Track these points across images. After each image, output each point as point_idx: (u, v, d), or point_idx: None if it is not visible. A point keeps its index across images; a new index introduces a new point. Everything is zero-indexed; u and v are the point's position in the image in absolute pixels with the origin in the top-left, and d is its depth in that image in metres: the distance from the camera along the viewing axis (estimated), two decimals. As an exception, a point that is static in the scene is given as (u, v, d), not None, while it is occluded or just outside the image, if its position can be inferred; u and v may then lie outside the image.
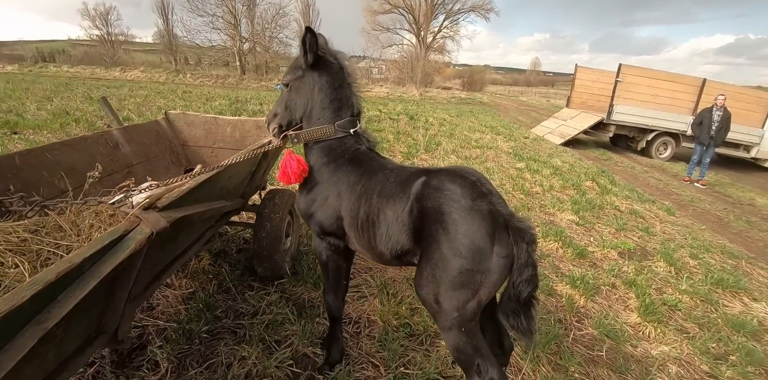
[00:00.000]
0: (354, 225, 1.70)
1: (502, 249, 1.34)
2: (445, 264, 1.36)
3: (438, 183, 1.47)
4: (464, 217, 1.36)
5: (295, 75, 1.84)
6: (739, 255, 4.81)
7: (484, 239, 1.33)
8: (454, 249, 1.34)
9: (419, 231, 1.48)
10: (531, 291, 1.36)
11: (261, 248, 2.58)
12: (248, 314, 2.45)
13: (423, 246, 1.46)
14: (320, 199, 1.81)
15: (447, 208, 1.39)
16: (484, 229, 1.33)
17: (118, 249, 1.16)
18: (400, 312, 2.56)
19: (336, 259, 1.93)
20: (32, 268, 1.39)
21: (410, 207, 1.50)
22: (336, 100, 1.82)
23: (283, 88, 1.91)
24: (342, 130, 1.82)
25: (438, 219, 1.40)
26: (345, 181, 1.75)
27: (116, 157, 2.89)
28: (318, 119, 1.84)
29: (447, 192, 1.43)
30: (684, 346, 2.84)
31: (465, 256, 1.33)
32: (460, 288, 1.35)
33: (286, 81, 1.88)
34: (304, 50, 1.74)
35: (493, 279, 1.34)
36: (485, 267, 1.33)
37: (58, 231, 1.68)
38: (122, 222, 1.25)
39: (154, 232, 1.25)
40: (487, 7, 38.23)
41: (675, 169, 10.44)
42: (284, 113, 1.93)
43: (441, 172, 1.56)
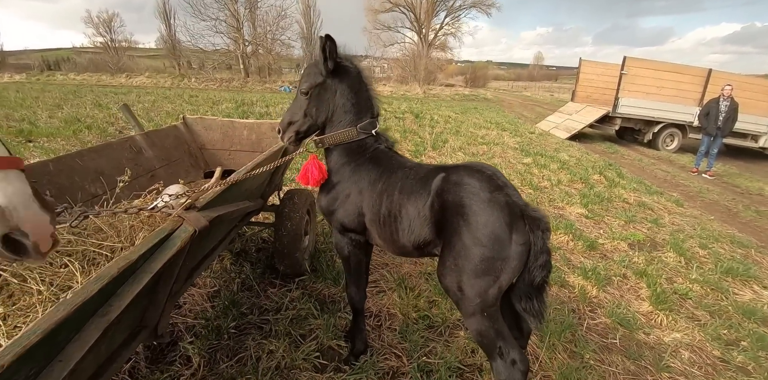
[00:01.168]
0: (376, 221, 1.79)
1: (520, 237, 1.43)
2: (467, 253, 1.45)
3: (457, 178, 1.57)
4: (484, 209, 1.45)
5: (314, 82, 1.88)
6: (749, 245, 4.83)
7: (502, 228, 1.42)
8: (475, 239, 1.44)
9: (441, 223, 1.57)
10: (544, 277, 1.45)
11: (282, 246, 2.69)
12: (272, 310, 2.56)
13: (445, 238, 1.56)
14: (342, 197, 1.90)
15: (467, 201, 1.49)
16: (503, 219, 1.43)
17: (166, 247, 1.26)
18: (418, 305, 2.65)
19: (357, 254, 2.02)
20: (81, 267, 1.50)
21: (431, 202, 1.59)
22: (357, 104, 1.90)
23: (301, 96, 1.92)
24: (363, 131, 1.91)
25: (459, 212, 1.49)
26: (366, 179, 1.84)
27: (140, 161, 3.02)
28: (340, 122, 1.91)
29: (466, 186, 1.53)
30: (696, 333, 2.90)
31: (486, 245, 1.42)
32: (482, 275, 1.44)
33: (305, 89, 1.89)
34: (324, 57, 1.78)
35: (513, 265, 1.43)
36: (505, 254, 1.42)
37: (99, 233, 1.80)
38: (167, 222, 1.35)
39: (197, 230, 1.35)
40: (489, 3, 38.08)
41: (682, 161, 10.40)
42: (303, 120, 1.94)
43: (459, 167, 1.65)
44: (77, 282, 1.39)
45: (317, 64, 1.86)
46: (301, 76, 1.96)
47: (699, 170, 9.00)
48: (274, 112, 12.21)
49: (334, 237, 2.06)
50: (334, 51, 1.79)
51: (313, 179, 1.93)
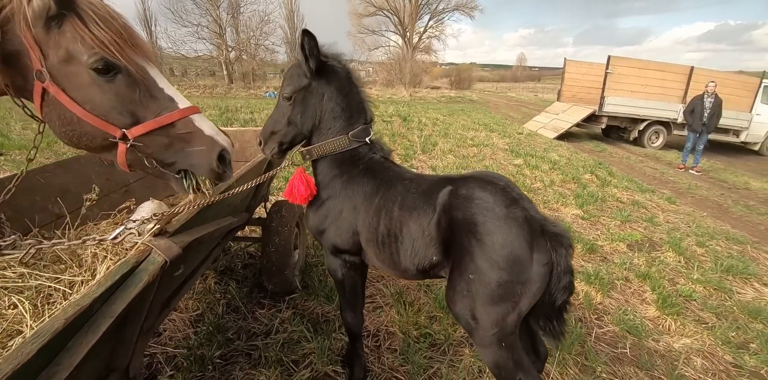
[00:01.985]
0: (373, 241, 1.61)
1: (542, 257, 1.28)
2: (481, 278, 1.29)
3: (467, 192, 1.41)
4: (500, 226, 1.29)
5: (298, 85, 1.66)
6: (744, 241, 4.81)
7: (523, 248, 1.26)
8: (491, 261, 1.28)
9: (449, 243, 1.41)
10: (566, 298, 1.30)
11: (270, 263, 2.49)
12: (261, 334, 2.35)
13: (454, 259, 1.39)
14: (333, 214, 1.71)
15: (480, 218, 1.32)
16: (522, 238, 1.27)
17: (130, 284, 1.07)
18: (419, 322, 2.48)
19: (352, 276, 1.84)
20: (33, 307, 1.29)
21: (438, 219, 1.42)
22: (347, 108, 1.70)
23: (284, 102, 1.70)
24: (356, 140, 1.72)
25: (471, 231, 1.33)
26: (360, 193, 1.66)
27: (112, 175, 2.78)
28: (329, 130, 1.72)
29: (478, 200, 1.36)
30: (705, 337, 2.81)
31: (503, 268, 1.26)
32: (499, 301, 1.28)
33: (288, 93, 1.67)
34: (305, 56, 1.57)
35: (534, 288, 1.28)
36: (525, 277, 1.26)
37: (58, 263, 1.58)
38: (132, 253, 1.16)
39: (168, 261, 1.16)
40: (472, 5, 38.48)
41: (668, 157, 10.51)
42: (287, 129, 1.71)
43: (467, 179, 1.49)
44: (27, 325, 1.19)
45: (300, 64, 1.66)
46: (283, 79, 1.76)
47: (686, 166, 9.08)
48: (259, 119, 11.94)
49: (327, 258, 1.87)
50: (315, 48, 1.58)
51: (300, 196, 1.73)
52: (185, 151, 1.25)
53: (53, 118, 1.18)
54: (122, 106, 1.17)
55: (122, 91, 1.17)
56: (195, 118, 1.27)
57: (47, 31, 1.08)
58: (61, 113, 1.15)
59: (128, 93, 1.17)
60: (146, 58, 1.25)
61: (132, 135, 1.17)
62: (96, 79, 1.13)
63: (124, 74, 1.17)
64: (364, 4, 37.83)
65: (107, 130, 1.16)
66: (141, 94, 1.20)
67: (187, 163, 1.27)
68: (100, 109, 1.14)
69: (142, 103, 1.19)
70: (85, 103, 1.13)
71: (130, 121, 1.18)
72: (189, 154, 1.25)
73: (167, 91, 1.25)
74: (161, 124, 1.19)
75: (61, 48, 1.09)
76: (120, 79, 1.16)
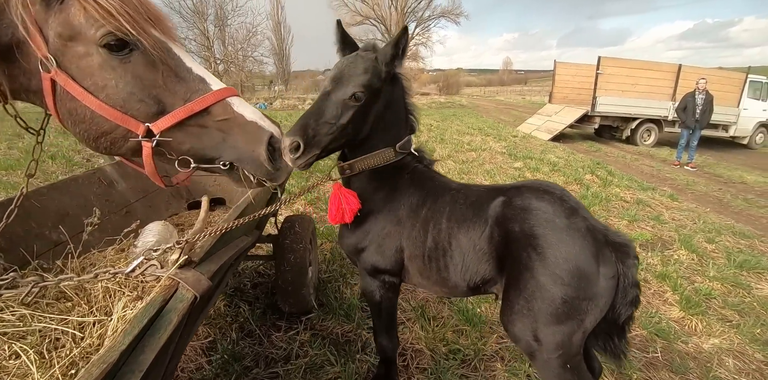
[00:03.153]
0: (419, 256, 1.51)
1: (609, 270, 1.20)
2: (544, 294, 1.20)
3: (523, 202, 1.32)
4: (563, 239, 1.21)
5: (373, 84, 1.40)
6: (750, 235, 4.82)
7: (588, 261, 1.18)
8: (554, 277, 1.19)
9: (503, 258, 1.32)
10: (631, 313, 1.22)
11: (286, 283, 2.37)
12: (280, 359, 2.22)
13: (510, 276, 1.30)
14: (376, 230, 1.57)
15: (540, 230, 1.24)
16: (587, 250, 1.19)
17: (159, 328, 0.94)
18: (446, 337, 2.38)
19: (390, 298, 1.72)
20: (39, 356, 1.11)
21: (490, 232, 1.34)
22: (400, 119, 1.57)
23: (347, 100, 1.39)
24: (402, 151, 1.57)
25: (530, 244, 1.24)
26: (406, 205, 1.54)
27: (112, 196, 2.65)
28: (379, 140, 1.53)
29: (536, 211, 1.27)
30: (733, 336, 2.77)
31: (568, 283, 1.17)
32: (564, 320, 1.19)
33: (360, 89, 1.37)
34: (396, 54, 1.38)
35: (601, 304, 1.19)
36: (592, 292, 1.18)
37: (63, 300, 1.41)
38: (156, 289, 1.04)
39: (197, 297, 1.04)
40: (457, 12, 39.06)
41: (662, 154, 10.62)
42: (341, 133, 1.40)
43: (521, 189, 1.40)
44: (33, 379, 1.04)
45: (379, 61, 1.40)
46: (344, 72, 1.40)
47: (681, 163, 9.15)
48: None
49: (363, 280, 1.74)
50: (405, 49, 1.40)
51: (351, 213, 1.52)
52: (226, 142, 1.04)
53: (65, 116, 0.98)
54: (142, 91, 0.96)
55: (141, 72, 0.96)
56: (233, 100, 1.05)
57: (47, 8, 0.90)
58: (73, 108, 0.96)
59: (149, 74, 0.97)
60: (167, 34, 1.04)
61: (158, 129, 0.97)
62: (108, 59, 0.93)
63: (141, 51, 0.96)
64: (351, 13, 38.20)
65: (127, 126, 0.96)
66: (165, 75, 0.99)
67: (232, 155, 1.06)
68: (116, 98, 0.94)
69: (167, 86, 0.99)
70: (99, 91, 0.94)
71: (155, 110, 0.98)
72: (231, 146, 1.04)
73: (196, 71, 1.04)
74: (193, 110, 0.98)
75: (64, 25, 0.91)
76: (137, 57, 0.96)
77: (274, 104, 26.66)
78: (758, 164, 10.18)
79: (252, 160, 1.07)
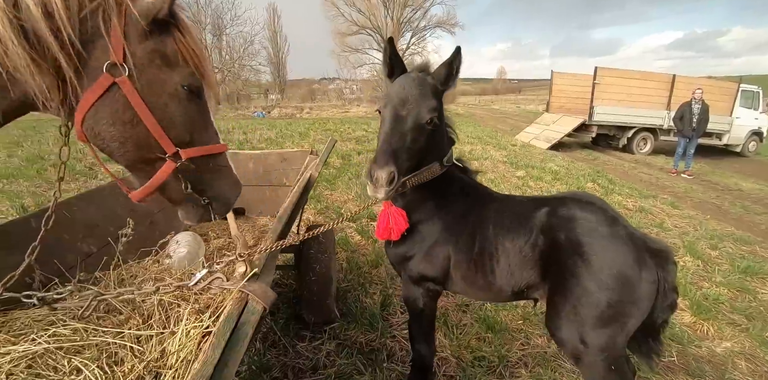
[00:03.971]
0: (465, 261, 1.58)
1: (649, 275, 1.28)
2: (590, 299, 1.28)
3: (568, 212, 1.41)
4: (607, 246, 1.30)
5: (438, 108, 1.43)
6: (751, 241, 4.95)
7: (631, 267, 1.27)
8: (599, 282, 1.27)
9: (547, 265, 1.40)
10: (668, 317, 1.31)
11: (311, 294, 2.40)
12: (308, 369, 2.25)
13: (555, 282, 1.38)
14: (424, 238, 1.63)
15: (586, 239, 1.32)
16: (630, 256, 1.28)
17: (237, 341, 0.98)
18: (471, 345, 2.44)
19: (432, 306, 1.77)
20: (102, 372, 1.11)
21: (534, 240, 1.42)
22: (444, 134, 1.61)
23: (423, 125, 1.38)
24: (446, 165, 1.62)
25: (576, 251, 1.32)
26: (453, 213, 1.61)
27: (136, 206, 2.65)
28: (430, 157, 1.54)
29: (582, 221, 1.36)
30: (744, 340, 2.85)
31: (613, 287, 1.25)
32: (609, 323, 1.27)
33: (430, 113, 1.39)
34: (451, 74, 1.42)
35: (643, 307, 1.28)
36: (635, 296, 1.26)
37: (114, 313, 1.42)
38: (228, 302, 1.09)
39: (267, 308, 1.10)
40: (452, 22, 39.65)
41: (658, 162, 10.83)
42: (417, 157, 1.41)
43: (565, 200, 1.49)
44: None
45: (433, 81, 1.43)
46: (409, 91, 1.38)
47: (678, 171, 9.32)
48: (253, 139, 11.88)
49: (405, 288, 1.78)
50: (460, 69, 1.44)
51: (398, 230, 1.57)
52: (216, 182, 1.31)
53: (105, 115, 1.08)
54: (188, 126, 1.18)
55: (194, 113, 1.19)
56: (228, 154, 1.36)
57: (143, 33, 1.04)
58: (120, 111, 1.08)
59: (197, 117, 1.21)
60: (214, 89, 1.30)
61: (186, 155, 1.17)
62: (181, 94, 1.14)
63: (203, 99, 1.22)
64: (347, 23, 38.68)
65: (163, 144, 1.13)
66: (203, 120, 1.24)
67: (214, 192, 1.31)
68: (168, 122, 1.12)
69: (200, 129, 1.23)
70: (156, 110, 1.10)
71: (186, 140, 1.18)
72: (218, 186, 1.31)
73: (214, 124, 1.31)
74: (212, 151, 1.24)
75: (158, 54, 1.08)
76: (200, 102, 1.21)
77: (273, 113, 26.81)
78: (752, 171, 10.42)
79: (225, 202, 1.36)
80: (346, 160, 8.42)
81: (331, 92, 40.77)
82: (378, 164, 1.29)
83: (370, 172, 1.32)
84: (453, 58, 1.42)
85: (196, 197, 1.27)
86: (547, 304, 1.44)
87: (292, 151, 3.29)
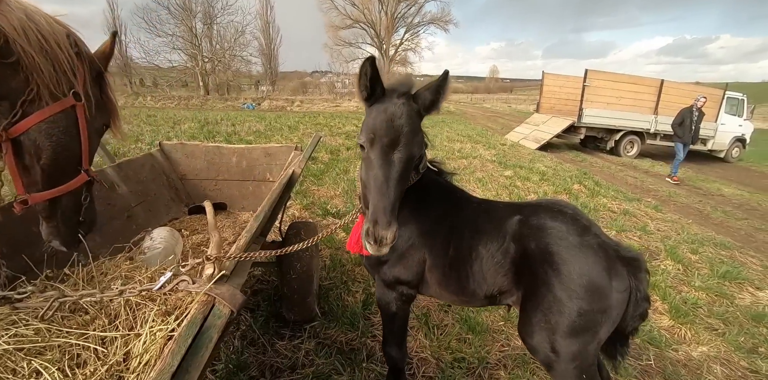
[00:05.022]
0: (441, 265, 1.55)
1: (620, 284, 1.26)
2: (560, 308, 1.26)
3: (538, 221, 1.39)
4: (576, 255, 1.28)
5: (423, 138, 1.34)
6: (730, 246, 5.04)
7: (601, 276, 1.25)
8: (569, 291, 1.25)
9: (519, 273, 1.38)
10: (638, 325, 1.29)
11: (292, 292, 2.35)
12: (286, 369, 2.20)
13: (527, 290, 1.36)
14: (400, 242, 1.58)
15: (555, 248, 1.31)
16: (600, 265, 1.26)
17: (200, 346, 0.93)
18: (451, 346, 2.41)
19: (405, 309, 1.74)
20: (62, 375, 1.06)
21: (507, 248, 1.41)
22: None
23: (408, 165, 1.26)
24: (421, 171, 1.56)
25: (546, 260, 1.30)
26: (431, 217, 1.58)
27: (113, 199, 2.57)
28: None
29: (551, 230, 1.35)
30: (719, 344, 2.89)
31: (583, 297, 1.24)
32: (580, 332, 1.26)
33: (422, 151, 1.32)
34: (435, 100, 1.27)
35: (613, 316, 1.26)
36: (605, 305, 1.24)
37: (79, 312, 1.34)
38: (193, 305, 1.03)
39: (235, 312, 1.04)
40: (446, 19, 39.63)
41: (644, 166, 10.99)
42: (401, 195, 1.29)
43: (537, 208, 1.47)
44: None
45: (418, 107, 1.29)
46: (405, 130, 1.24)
47: (679, 178, 9.05)
48: (242, 131, 11.69)
49: (379, 291, 1.74)
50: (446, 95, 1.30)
51: None
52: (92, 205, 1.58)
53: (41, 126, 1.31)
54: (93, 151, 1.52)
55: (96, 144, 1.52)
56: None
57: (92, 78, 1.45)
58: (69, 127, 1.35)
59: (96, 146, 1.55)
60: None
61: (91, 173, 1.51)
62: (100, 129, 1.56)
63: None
64: (341, 16, 38.31)
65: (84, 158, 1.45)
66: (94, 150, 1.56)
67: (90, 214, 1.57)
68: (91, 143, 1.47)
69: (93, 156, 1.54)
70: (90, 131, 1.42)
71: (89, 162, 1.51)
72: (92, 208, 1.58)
73: None
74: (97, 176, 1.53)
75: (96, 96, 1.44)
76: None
77: (263, 105, 26.44)
78: (734, 177, 10.67)
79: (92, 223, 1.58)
80: (335, 155, 8.32)
81: (322, 85, 40.37)
82: (381, 225, 1.16)
83: (373, 233, 1.18)
84: (441, 83, 1.26)
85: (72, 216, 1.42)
86: (519, 311, 1.43)
87: (277, 146, 3.21)
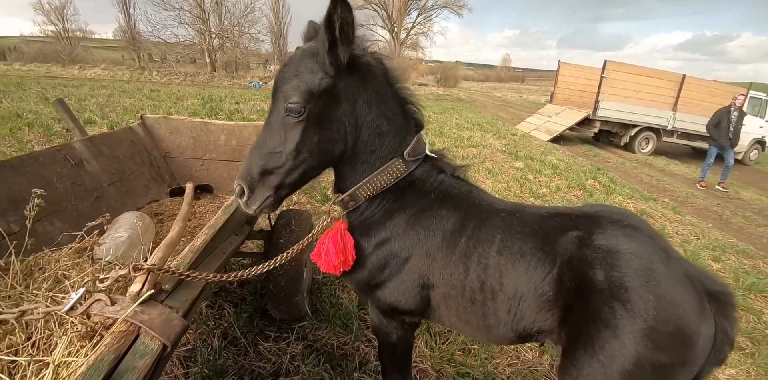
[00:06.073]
0: (457, 297, 1.19)
1: (708, 328, 0.95)
2: (626, 359, 0.94)
3: (608, 242, 1.03)
4: (662, 293, 0.94)
5: (315, 87, 1.07)
6: (753, 255, 4.72)
7: (692, 320, 0.92)
8: (646, 340, 0.93)
9: (570, 308, 1.04)
10: (712, 371, 0.98)
11: (278, 288, 2.07)
12: (268, 374, 1.94)
13: (581, 331, 1.02)
14: (395, 263, 1.24)
15: (631, 282, 0.96)
16: (692, 306, 0.93)
17: None
18: (454, 357, 2.13)
19: (408, 339, 1.43)
20: None
21: (558, 276, 1.06)
22: (394, 117, 1.20)
23: (287, 118, 1.09)
24: (414, 158, 1.23)
25: (616, 297, 0.96)
26: (438, 231, 1.21)
27: (80, 178, 2.26)
28: (373, 153, 1.20)
29: (628, 256, 0.99)
30: (749, 367, 2.62)
31: (663, 348, 0.91)
32: None
33: (296, 102, 1.07)
34: (334, 39, 1.03)
35: (695, 369, 0.95)
36: (689, 356, 0.93)
37: None
38: (106, 342, 0.71)
39: (168, 345, 0.73)
40: (460, 3, 38.24)
41: (659, 164, 10.56)
42: (294, 161, 1.11)
43: (598, 221, 1.09)
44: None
45: (314, 54, 1.09)
46: (280, 81, 1.12)
47: (707, 184, 8.40)
48: (245, 110, 11.32)
49: (375, 319, 1.42)
50: (352, 28, 1.05)
51: (328, 264, 1.23)
52: None
53: None
54: None
55: None
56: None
57: None
58: None
59: None
60: None
61: None
62: None
63: None
64: (353, -4, 37.09)
65: None
66: None
67: None
68: None
69: None
70: None
71: None
72: None
73: None
74: None
75: None
76: None
77: (269, 84, 25.85)
78: (752, 180, 10.23)
79: None
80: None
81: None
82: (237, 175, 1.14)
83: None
84: (330, 15, 1.01)
85: None
86: (562, 354, 1.09)
87: (271, 124, 2.87)
